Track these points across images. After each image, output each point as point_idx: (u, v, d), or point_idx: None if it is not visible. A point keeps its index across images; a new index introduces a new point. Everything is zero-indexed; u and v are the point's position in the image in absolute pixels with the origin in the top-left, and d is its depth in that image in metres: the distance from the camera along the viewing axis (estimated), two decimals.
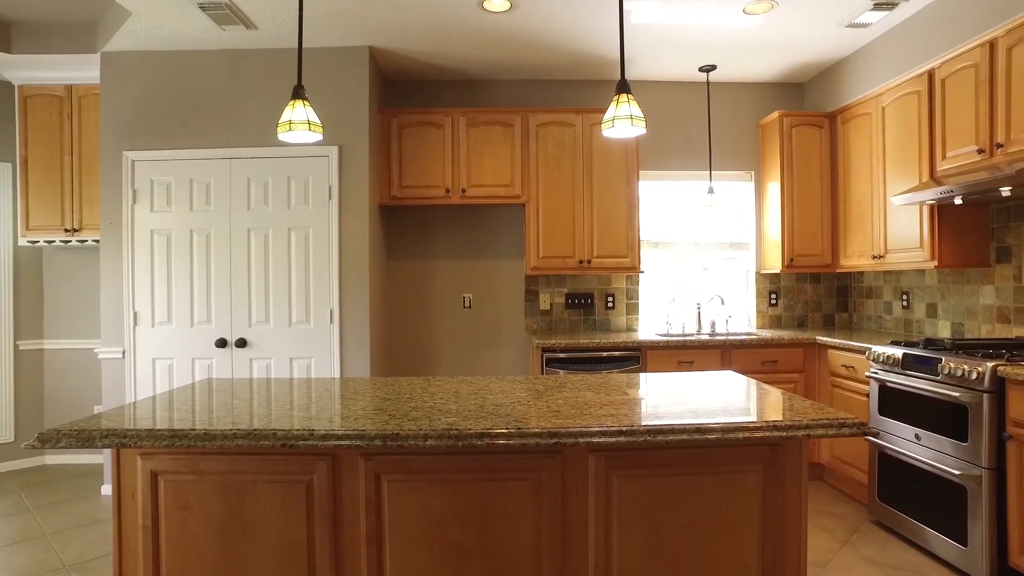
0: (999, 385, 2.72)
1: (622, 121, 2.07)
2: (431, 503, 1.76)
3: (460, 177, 4.50)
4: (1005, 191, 2.97)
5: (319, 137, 2.35)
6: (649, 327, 4.96)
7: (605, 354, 4.18)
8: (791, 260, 4.56)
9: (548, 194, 4.55)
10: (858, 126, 4.29)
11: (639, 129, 2.09)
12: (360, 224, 4.16)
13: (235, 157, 4.19)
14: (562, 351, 4.16)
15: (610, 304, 4.89)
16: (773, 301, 4.94)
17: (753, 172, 5.01)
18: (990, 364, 2.73)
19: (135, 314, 4.18)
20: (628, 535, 1.80)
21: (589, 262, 4.53)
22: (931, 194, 3.25)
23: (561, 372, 4.15)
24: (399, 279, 4.91)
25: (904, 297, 4.29)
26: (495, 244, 4.93)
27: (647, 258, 4.97)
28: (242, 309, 4.19)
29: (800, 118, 4.61)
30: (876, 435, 3.47)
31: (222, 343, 4.17)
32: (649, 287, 4.98)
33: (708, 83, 4.93)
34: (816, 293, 4.97)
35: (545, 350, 4.15)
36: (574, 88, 4.96)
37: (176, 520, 1.77)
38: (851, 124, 4.37)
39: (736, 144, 5.00)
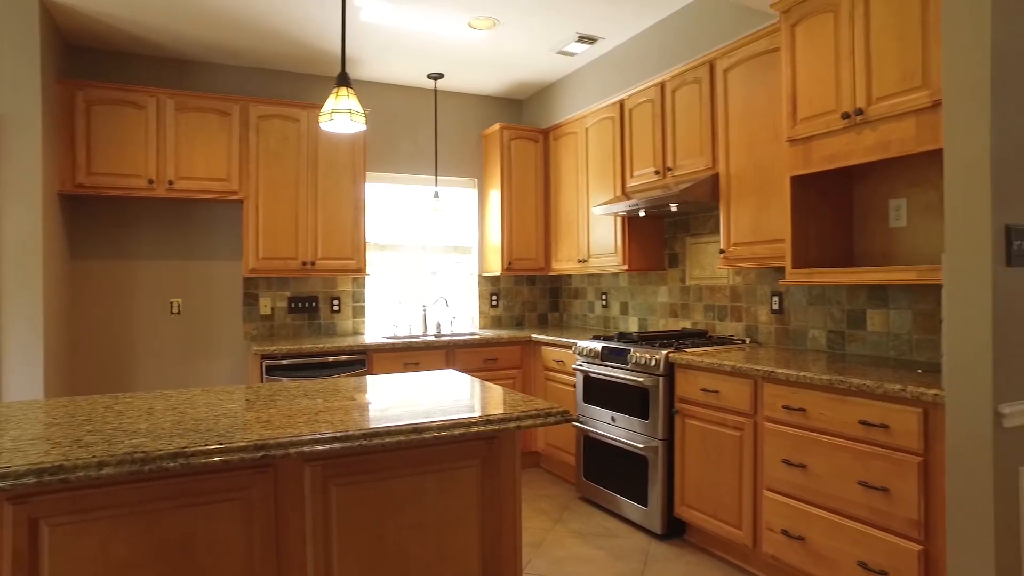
0: (670, 369, 3.23)
1: (341, 115, 2.00)
2: (113, 545, 1.49)
3: (167, 167, 3.99)
4: (673, 207, 3.55)
5: None
6: (376, 330, 4.93)
7: (331, 359, 4.04)
8: (510, 263, 4.91)
9: (269, 191, 4.26)
10: (567, 143, 4.78)
11: (359, 125, 2.04)
12: (31, 215, 3.44)
13: None
14: (284, 357, 3.92)
15: (336, 307, 4.75)
16: (494, 302, 5.26)
17: (477, 179, 5.28)
18: (664, 352, 3.23)
19: None
20: (350, 545, 1.74)
21: (313, 264, 4.34)
22: (622, 206, 3.75)
23: (285, 380, 3.90)
24: (90, 282, 4.18)
25: (603, 297, 4.89)
26: (209, 243, 4.47)
27: (374, 261, 4.94)
28: None
29: (519, 131, 4.98)
30: (579, 420, 3.89)
31: None
32: (377, 290, 4.95)
33: (436, 90, 5.08)
34: (532, 294, 5.42)
35: (265, 357, 3.87)
36: (301, 81, 4.73)
37: None
38: (561, 141, 4.86)
39: (462, 152, 5.23)
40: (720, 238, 3.27)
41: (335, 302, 4.76)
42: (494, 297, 5.26)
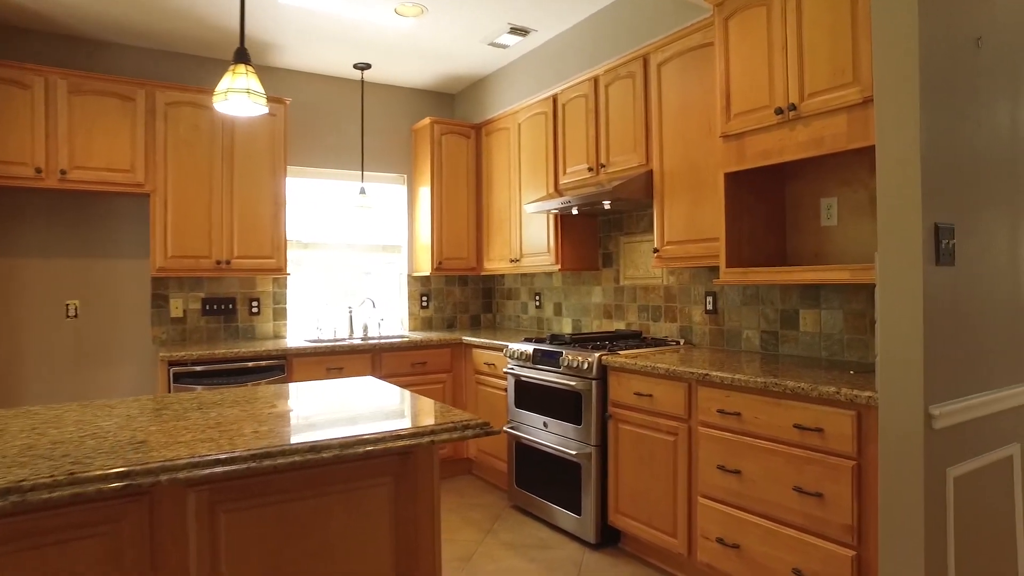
0: (603, 372, 3.12)
1: (238, 94, 1.79)
2: None
3: (58, 155, 3.62)
4: (606, 204, 3.45)
5: None
6: (300, 333, 4.65)
7: (248, 364, 3.76)
8: (440, 263, 4.72)
9: (179, 184, 3.93)
10: (499, 139, 4.63)
11: (259, 107, 1.83)
12: None
13: None
14: (195, 364, 3.62)
15: (255, 309, 4.45)
16: (424, 303, 5.07)
17: (406, 176, 5.07)
18: (596, 355, 3.12)
19: None
20: None
21: (229, 263, 4.04)
22: (554, 204, 3.62)
23: (199, 388, 3.61)
24: None
25: (536, 298, 4.77)
26: (112, 240, 4.10)
27: (297, 260, 4.66)
28: None
29: (450, 126, 4.80)
30: (511, 427, 3.74)
31: None
32: (300, 291, 4.68)
33: (363, 81, 4.84)
34: (464, 295, 5.25)
35: (172, 364, 3.56)
36: (215, 67, 4.41)
37: None
38: (494, 136, 4.71)
39: (391, 147, 5.01)
40: (654, 237, 3.20)
41: (254, 304, 4.46)
42: (424, 298, 5.06)
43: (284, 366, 3.88)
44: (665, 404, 2.77)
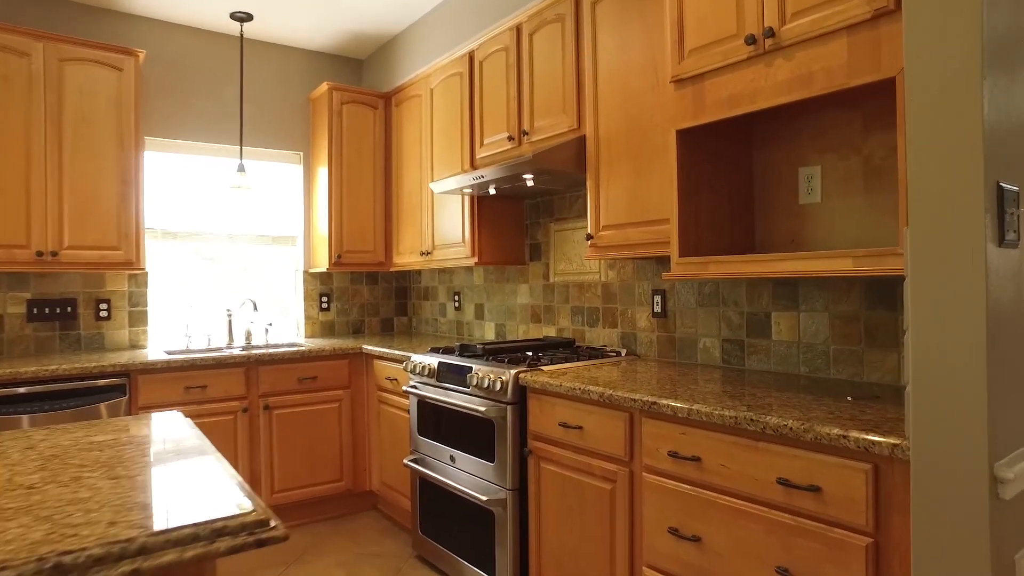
0: (521, 394, 2.40)
1: None
2: None
3: None
4: (529, 180, 2.74)
5: None
6: (165, 342, 3.79)
7: (75, 385, 2.90)
8: (339, 256, 3.93)
9: None
10: (410, 109, 3.87)
11: None
12: None
13: None
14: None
15: (104, 313, 3.57)
16: (325, 305, 4.26)
17: (302, 154, 4.25)
18: (512, 371, 2.40)
19: None
20: None
21: (55, 254, 3.16)
22: (466, 180, 2.89)
23: (24, 418, 2.74)
24: None
25: (456, 298, 4.03)
26: None
27: (163, 252, 3.80)
28: None
29: (353, 94, 4.01)
30: (414, 459, 2.99)
31: None
32: (169, 290, 3.81)
33: (242, 36, 4.00)
34: (373, 295, 4.46)
35: None
36: (39, 3, 3.50)
37: None
38: (404, 107, 3.94)
39: (285, 120, 4.18)
40: (588, 221, 2.53)
41: (103, 306, 3.57)
42: (325, 299, 4.26)
43: (126, 386, 3.03)
44: (600, 440, 2.07)
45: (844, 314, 2.07)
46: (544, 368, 2.42)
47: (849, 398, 1.76)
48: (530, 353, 2.77)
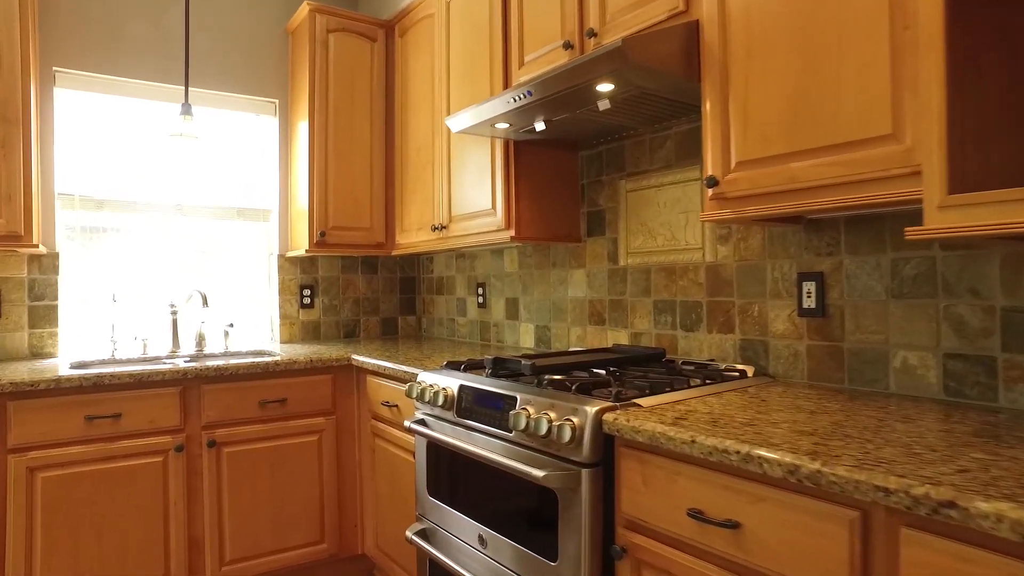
0: (608, 450, 1.40)
1: None
2: None
3: None
4: (605, 93, 1.72)
5: None
6: (83, 350, 2.82)
7: None
8: (323, 234, 2.93)
9: None
10: (420, 36, 2.87)
11: None
12: None
13: None
14: None
15: None
16: (307, 300, 3.26)
17: (278, 103, 3.27)
18: (592, 409, 1.39)
19: None
20: None
21: None
22: (498, 105, 1.89)
23: None
24: None
25: (480, 291, 3.03)
26: None
27: (87, 228, 2.83)
28: None
29: (343, 20, 3.02)
30: (418, 531, 1.98)
31: None
32: (91, 278, 2.84)
33: None
34: (371, 287, 3.46)
35: None
36: None
37: None
38: (411, 35, 2.95)
39: (252, 57, 3.20)
40: (706, 160, 1.52)
41: None
42: (307, 292, 3.26)
43: None
44: (784, 559, 1.05)
45: None
46: (641, 400, 1.41)
47: None
48: (607, 371, 1.76)
